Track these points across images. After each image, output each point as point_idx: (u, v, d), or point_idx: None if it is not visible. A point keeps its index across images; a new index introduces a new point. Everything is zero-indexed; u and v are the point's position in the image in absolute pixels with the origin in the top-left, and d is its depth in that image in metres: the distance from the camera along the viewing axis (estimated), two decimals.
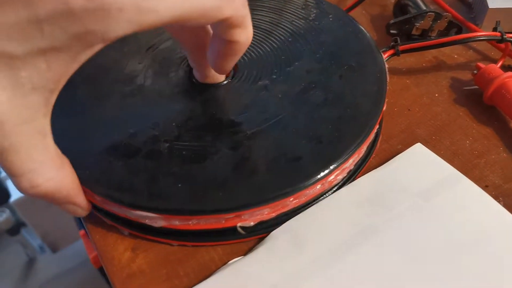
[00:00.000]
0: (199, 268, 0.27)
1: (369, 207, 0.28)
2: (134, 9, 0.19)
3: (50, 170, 0.24)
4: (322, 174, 0.27)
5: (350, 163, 0.29)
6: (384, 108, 0.32)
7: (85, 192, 0.27)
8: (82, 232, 0.90)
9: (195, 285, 0.26)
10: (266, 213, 0.27)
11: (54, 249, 1.40)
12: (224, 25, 0.24)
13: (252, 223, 0.27)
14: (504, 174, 0.30)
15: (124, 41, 0.34)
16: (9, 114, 0.20)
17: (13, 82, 0.20)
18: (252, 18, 0.38)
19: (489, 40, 0.37)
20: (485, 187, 0.29)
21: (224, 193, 0.26)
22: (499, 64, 0.36)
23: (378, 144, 0.32)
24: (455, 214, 0.27)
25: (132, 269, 0.27)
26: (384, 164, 0.31)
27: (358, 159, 0.30)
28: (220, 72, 0.30)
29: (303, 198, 0.28)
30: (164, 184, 0.27)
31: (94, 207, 0.29)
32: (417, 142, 0.32)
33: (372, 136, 0.31)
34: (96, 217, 0.29)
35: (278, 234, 0.27)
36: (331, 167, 0.27)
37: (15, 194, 1.25)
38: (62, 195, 0.25)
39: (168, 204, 0.26)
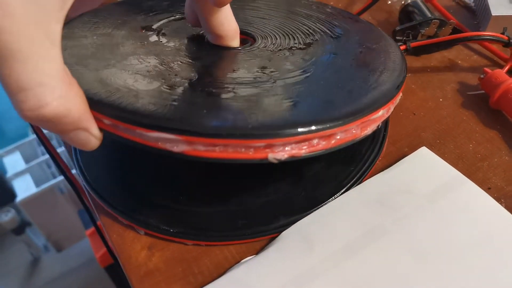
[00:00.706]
0: (213, 267, 0.28)
1: (377, 208, 0.29)
2: None
3: (59, 87, 0.21)
4: (357, 115, 0.25)
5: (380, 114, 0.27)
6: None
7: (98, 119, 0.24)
8: (88, 231, 0.91)
9: (209, 282, 0.27)
10: (303, 146, 0.25)
11: (59, 248, 1.41)
12: None
13: (285, 155, 0.24)
14: (506, 177, 0.31)
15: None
16: (22, 10, 0.18)
17: None
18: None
19: (496, 41, 0.38)
20: (488, 189, 0.30)
21: (257, 117, 0.24)
22: (506, 69, 0.37)
23: (385, 147, 0.33)
24: (459, 216, 0.28)
25: (149, 267, 0.28)
26: (391, 167, 0.32)
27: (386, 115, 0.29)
28: (208, 29, 0.30)
29: (338, 137, 0.25)
30: (189, 109, 0.25)
31: (111, 205, 0.30)
32: (422, 145, 0.33)
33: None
34: (113, 217, 0.30)
35: (289, 234, 0.28)
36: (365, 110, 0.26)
37: (20, 194, 1.26)
38: (72, 119, 0.22)
39: (191, 125, 0.23)
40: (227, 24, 0.31)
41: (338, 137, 0.25)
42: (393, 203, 0.29)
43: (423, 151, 0.32)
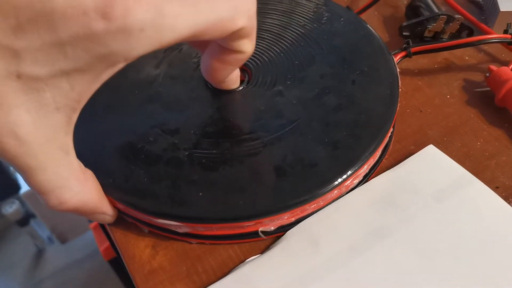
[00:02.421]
0: (217, 265, 0.28)
1: (383, 208, 0.29)
2: (154, 29, 0.20)
3: (75, 185, 0.25)
4: (339, 180, 0.28)
5: (365, 168, 0.30)
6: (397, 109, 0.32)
7: (108, 199, 0.29)
8: (92, 224, 0.91)
9: (213, 281, 0.27)
10: (286, 218, 0.28)
11: (63, 240, 1.41)
12: (234, 35, 0.25)
13: (272, 228, 0.28)
14: None
15: None
16: (34, 135, 0.21)
17: (37, 104, 0.20)
18: (264, 22, 0.38)
19: (500, 42, 0.37)
20: (496, 188, 0.30)
21: (245, 200, 0.27)
22: (511, 66, 0.37)
23: (391, 145, 0.33)
24: (466, 215, 0.28)
25: (153, 265, 0.28)
26: (397, 165, 0.31)
27: (373, 162, 0.31)
28: (214, 81, 0.32)
29: (321, 203, 0.29)
30: (186, 192, 0.28)
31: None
32: (429, 143, 0.32)
33: (386, 139, 0.31)
34: (117, 215, 0.30)
35: (294, 234, 0.28)
36: (348, 173, 0.28)
37: (24, 186, 1.26)
38: (89, 208, 0.26)
39: (191, 212, 0.27)
40: (218, 81, 0.32)
41: (323, 202, 0.29)
42: (399, 202, 0.29)
43: (430, 149, 0.32)
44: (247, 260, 0.28)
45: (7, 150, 0.21)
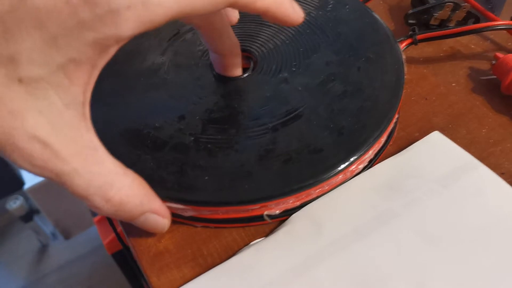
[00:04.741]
0: (222, 249, 0.28)
1: (387, 192, 0.29)
2: (141, 5, 0.20)
3: (116, 180, 0.24)
4: (343, 165, 0.28)
5: (370, 153, 0.30)
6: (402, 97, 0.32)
7: None
8: (96, 218, 0.91)
9: (218, 264, 0.27)
10: (291, 202, 0.28)
11: (67, 236, 1.42)
12: (240, 4, 0.24)
13: (277, 212, 0.28)
14: None
15: (144, 34, 0.34)
16: (55, 135, 0.21)
17: (46, 104, 0.20)
18: None
19: (506, 29, 0.37)
20: (501, 174, 0.30)
21: (250, 185, 0.28)
22: None
23: (396, 132, 0.33)
24: (471, 200, 0.28)
25: (159, 248, 0.28)
26: (402, 151, 0.31)
27: (378, 148, 0.31)
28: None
29: (326, 187, 0.29)
30: (193, 176, 0.28)
31: None
32: (434, 130, 0.32)
33: (391, 126, 0.31)
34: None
35: (298, 218, 0.28)
36: (352, 159, 0.28)
37: (28, 182, 1.27)
38: (135, 204, 0.25)
39: (197, 196, 0.28)
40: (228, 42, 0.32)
41: (327, 186, 0.29)
42: (403, 187, 0.29)
43: (436, 135, 0.32)
44: (252, 243, 0.28)
45: (35, 157, 0.21)
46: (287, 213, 0.28)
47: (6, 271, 1.39)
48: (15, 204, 1.34)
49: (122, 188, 0.24)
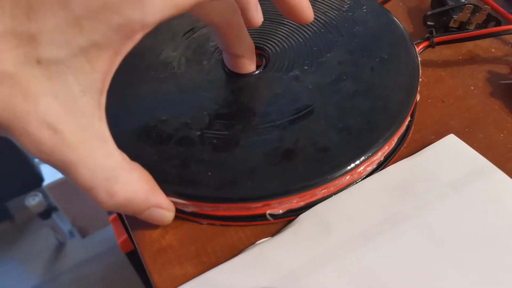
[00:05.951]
0: (227, 247, 0.27)
1: (398, 195, 0.28)
2: None
3: (122, 175, 0.23)
4: (351, 165, 0.27)
5: (379, 155, 0.29)
6: (417, 99, 0.32)
7: None
8: (111, 217, 0.92)
9: (222, 263, 0.26)
10: (295, 201, 0.27)
11: (83, 234, 1.43)
12: None
13: (280, 211, 0.28)
14: None
15: (158, 29, 0.34)
16: (67, 122, 0.20)
17: (63, 89, 0.20)
18: None
19: None
20: None
21: (253, 182, 0.27)
22: None
23: (410, 134, 0.32)
24: (485, 205, 0.27)
25: (162, 244, 0.28)
26: (415, 154, 0.30)
27: (388, 150, 0.30)
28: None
29: (332, 188, 0.28)
30: (195, 171, 0.28)
31: None
32: (449, 134, 0.31)
33: (403, 128, 0.30)
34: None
35: (306, 218, 0.27)
36: (360, 159, 0.28)
37: (48, 178, 1.28)
38: (140, 199, 0.24)
39: (198, 191, 0.27)
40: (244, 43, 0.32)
41: (333, 187, 0.28)
42: (415, 190, 0.28)
43: (451, 138, 0.31)
44: (257, 242, 0.27)
45: (43, 142, 0.20)
46: (291, 214, 0.28)
47: (22, 267, 1.41)
48: (34, 200, 1.36)
49: (128, 184, 0.23)
